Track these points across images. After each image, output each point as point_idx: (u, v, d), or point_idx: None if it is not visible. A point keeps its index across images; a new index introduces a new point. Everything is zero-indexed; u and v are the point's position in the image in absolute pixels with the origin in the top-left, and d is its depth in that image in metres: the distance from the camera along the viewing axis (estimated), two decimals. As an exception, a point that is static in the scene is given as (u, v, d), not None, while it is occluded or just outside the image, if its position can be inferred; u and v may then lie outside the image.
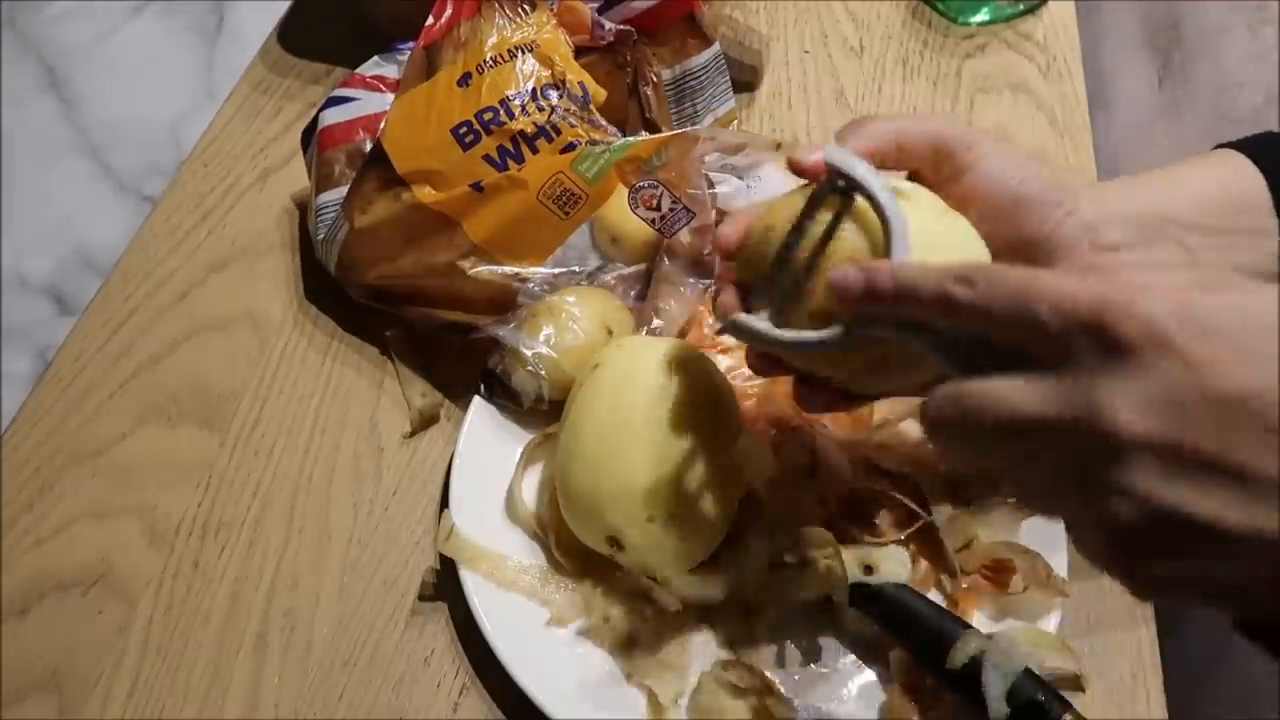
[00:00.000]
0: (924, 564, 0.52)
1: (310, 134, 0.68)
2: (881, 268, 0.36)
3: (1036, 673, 0.48)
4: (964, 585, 0.52)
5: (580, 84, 0.62)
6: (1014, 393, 0.32)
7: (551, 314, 0.58)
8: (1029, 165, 0.43)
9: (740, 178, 0.63)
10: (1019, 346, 0.33)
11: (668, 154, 0.59)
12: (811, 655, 0.52)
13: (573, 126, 0.60)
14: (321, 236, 0.64)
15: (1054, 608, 0.51)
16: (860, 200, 0.40)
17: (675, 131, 0.60)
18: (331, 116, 0.67)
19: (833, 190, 0.41)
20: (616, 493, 0.50)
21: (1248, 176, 0.43)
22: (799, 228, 0.41)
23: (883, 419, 0.56)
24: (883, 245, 0.39)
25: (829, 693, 0.51)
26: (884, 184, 0.40)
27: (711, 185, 0.61)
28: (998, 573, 0.52)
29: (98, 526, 0.59)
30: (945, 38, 0.85)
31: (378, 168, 0.61)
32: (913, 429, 0.55)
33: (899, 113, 0.77)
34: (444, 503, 0.57)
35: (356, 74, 0.69)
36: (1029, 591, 0.51)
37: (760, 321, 0.42)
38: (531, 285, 0.60)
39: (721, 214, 0.61)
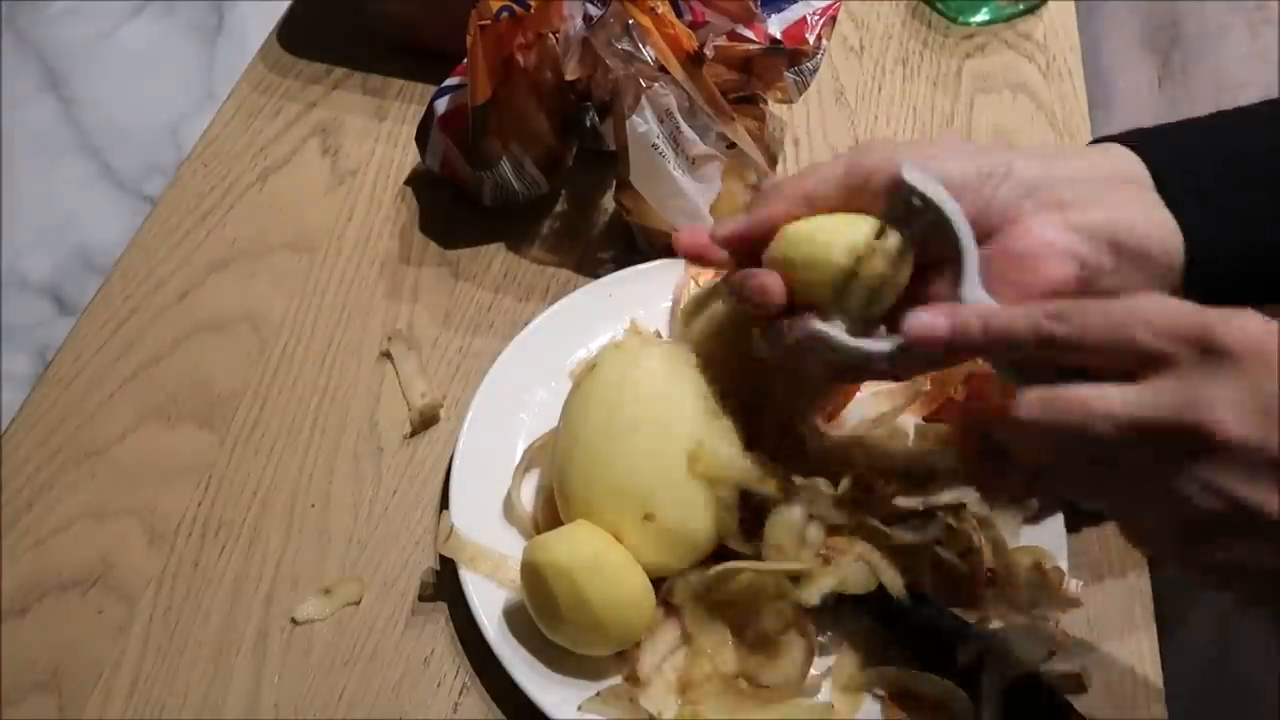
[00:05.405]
0: (925, 565, 0.52)
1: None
2: (968, 315, 0.39)
3: (1037, 673, 0.48)
4: (967, 586, 0.52)
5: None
6: (1111, 397, 0.35)
7: None
8: (942, 150, 0.44)
9: None
10: (1105, 366, 0.36)
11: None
12: (811, 655, 0.52)
13: None
14: None
15: (1055, 608, 0.51)
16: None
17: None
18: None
19: (900, 207, 0.42)
20: (614, 492, 0.50)
21: (1133, 158, 0.45)
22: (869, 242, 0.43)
23: (877, 416, 0.56)
24: (960, 280, 0.41)
25: (828, 693, 0.50)
26: (961, 212, 0.41)
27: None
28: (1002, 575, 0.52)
29: (98, 526, 0.59)
30: (945, 38, 0.85)
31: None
32: (907, 426, 0.55)
33: (812, 165, 0.78)
34: (444, 503, 0.57)
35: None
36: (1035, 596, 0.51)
37: (835, 329, 0.43)
38: None
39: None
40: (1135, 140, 0.46)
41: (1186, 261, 0.42)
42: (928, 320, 0.39)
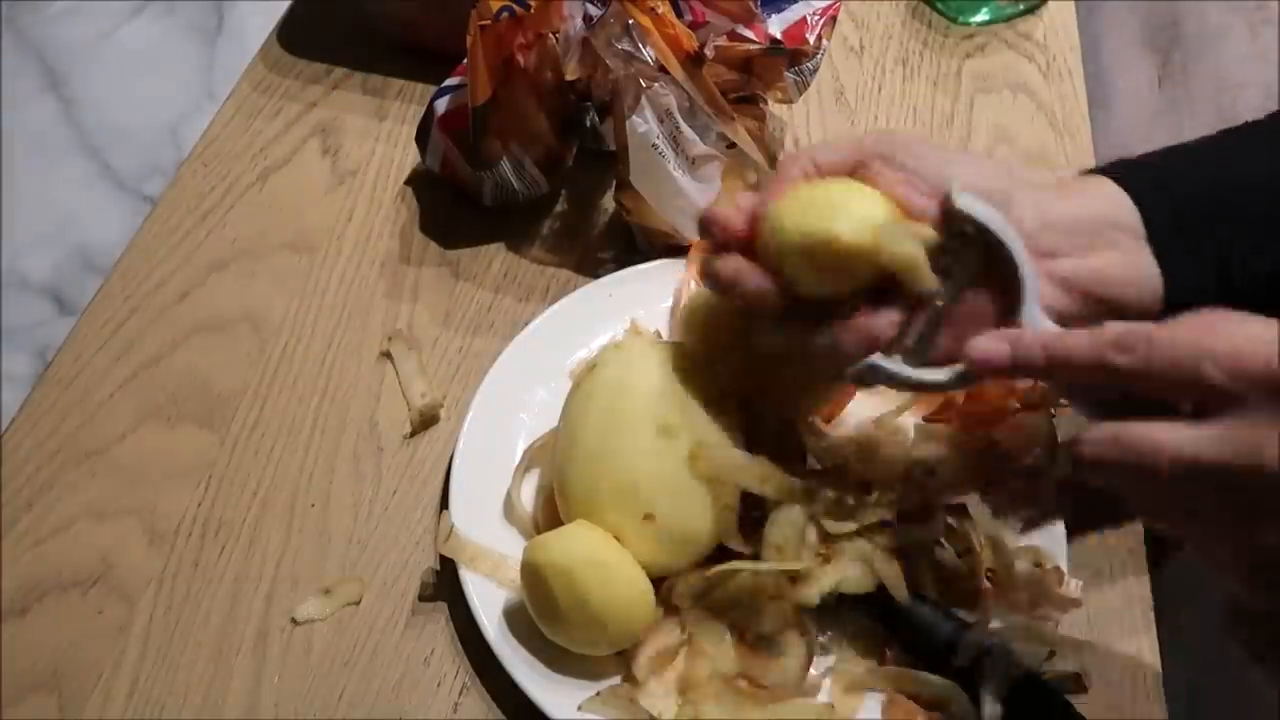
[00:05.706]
0: (925, 565, 0.52)
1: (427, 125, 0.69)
2: (1028, 341, 0.39)
3: (1037, 673, 0.48)
4: (967, 586, 0.52)
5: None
6: (1180, 439, 0.35)
7: None
8: (960, 163, 0.45)
9: None
10: (1172, 397, 0.35)
11: None
12: (811, 655, 0.52)
13: None
14: None
15: (1054, 608, 0.51)
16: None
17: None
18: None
19: (954, 233, 0.43)
20: (614, 492, 0.50)
21: (1123, 197, 0.46)
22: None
23: (878, 416, 0.56)
24: (1020, 302, 0.42)
25: (828, 693, 0.50)
26: (1017, 235, 0.42)
27: None
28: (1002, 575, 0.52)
29: (98, 526, 0.59)
30: (945, 38, 0.85)
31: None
32: (907, 426, 0.55)
33: (830, 141, 0.78)
34: (444, 503, 0.57)
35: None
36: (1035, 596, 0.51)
37: (895, 364, 0.44)
38: None
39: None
40: (1125, 174, 0.46)
41: (1165, 298, 0.44)
42: (990, 347, 0.40)
